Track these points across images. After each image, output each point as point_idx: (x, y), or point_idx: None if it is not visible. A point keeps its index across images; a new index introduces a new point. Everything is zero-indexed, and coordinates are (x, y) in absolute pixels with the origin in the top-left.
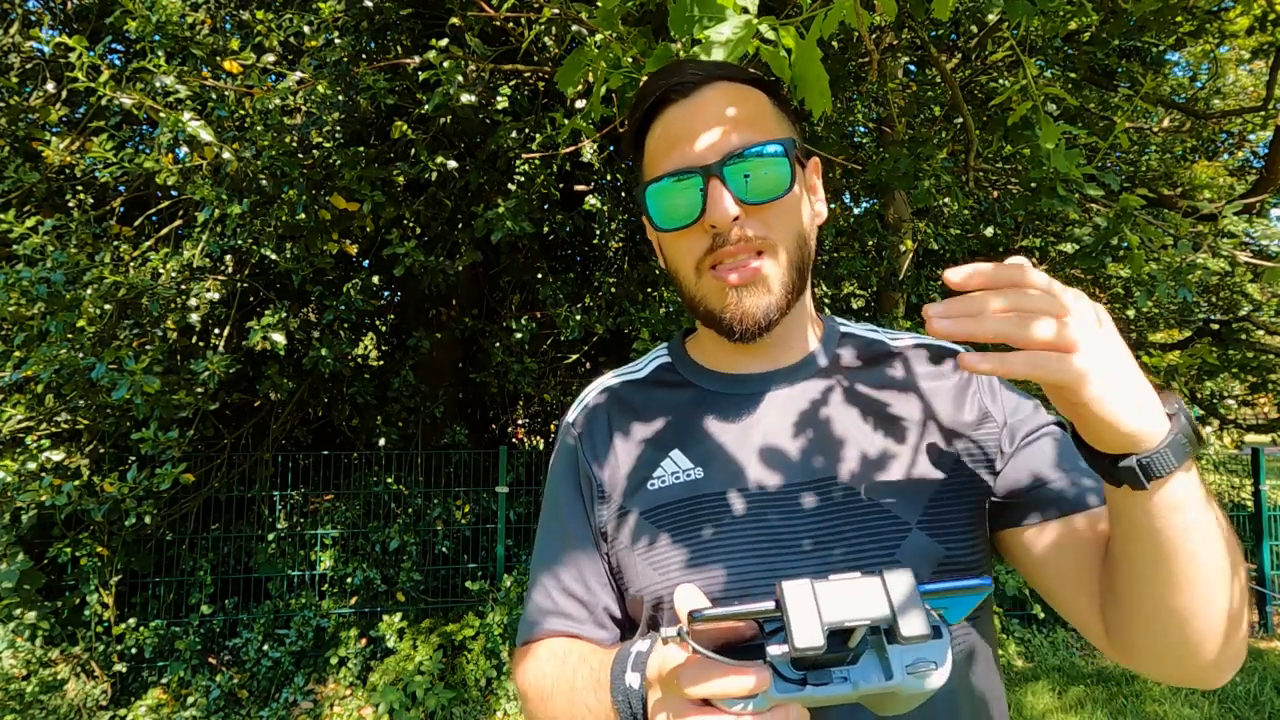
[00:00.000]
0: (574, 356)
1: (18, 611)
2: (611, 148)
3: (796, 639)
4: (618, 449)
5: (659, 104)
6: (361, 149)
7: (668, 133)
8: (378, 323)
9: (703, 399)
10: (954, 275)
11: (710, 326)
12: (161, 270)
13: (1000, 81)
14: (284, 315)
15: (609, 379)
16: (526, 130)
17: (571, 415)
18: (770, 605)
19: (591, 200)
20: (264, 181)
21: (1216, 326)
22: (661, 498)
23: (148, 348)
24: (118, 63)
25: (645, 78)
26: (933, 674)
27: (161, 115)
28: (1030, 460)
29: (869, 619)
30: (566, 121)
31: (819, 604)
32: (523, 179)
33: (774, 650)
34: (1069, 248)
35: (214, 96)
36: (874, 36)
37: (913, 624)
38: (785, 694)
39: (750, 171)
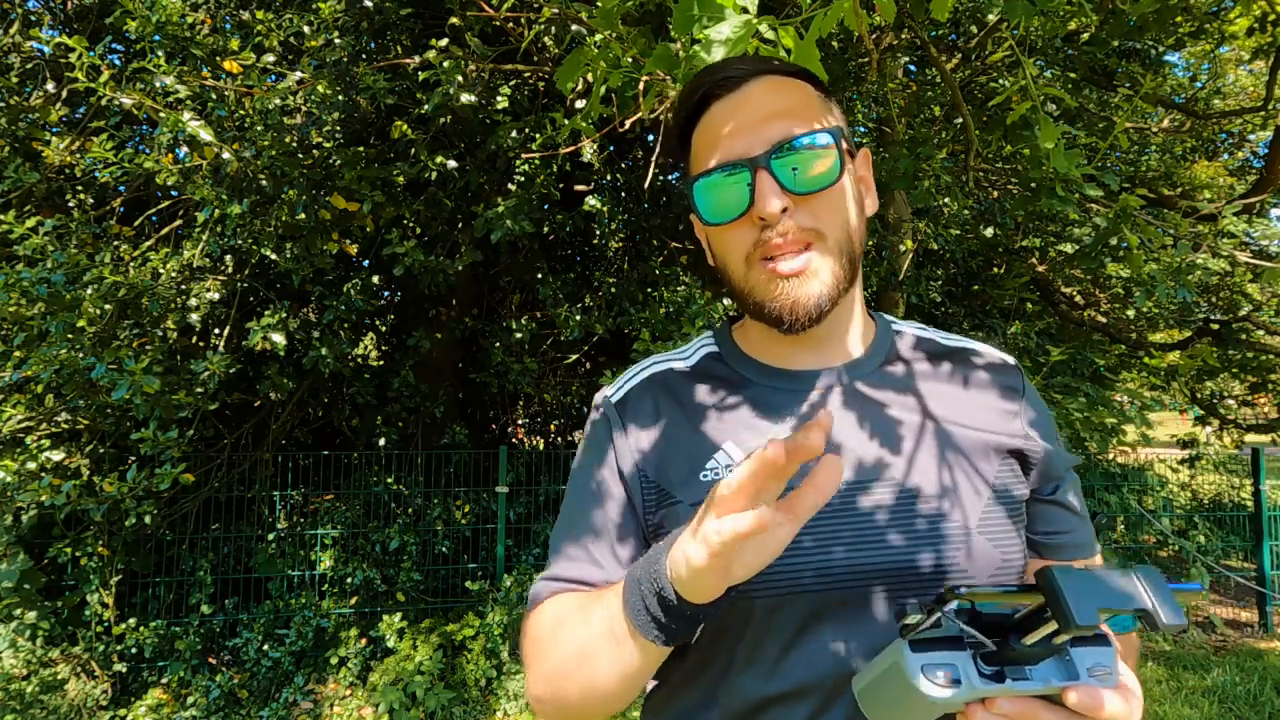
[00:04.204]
0: (574, 356)
1: (18, 611)
2: (611, 148)
3: (1076, 617)
4: (665, 437)
5: (704, 101)
6: (361, 149)
7: (713, 128)
8: (378, 323)
9: (754, 393)
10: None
11: (759, 319)
12: (161, 270)
13: (1000, 81)
14: (284, 315)
15: (654, 364)
16: (526, 130)
17: (612, 394)
18: (1016, 589)
19: (591, 200)
20: (264, 181)
21: (1216, 326)
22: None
23: (148, 348)
24: (118, 63)
25: (643, 76)
26: (1108, 677)
27: (161, 115)
28: (1049, 510)
29: (1134, 607)
30: (566, 121)
31: (1091, 588)
32: (523, 179)
33: (974, 640)
34: (1069, 248)
35: (214, 96)
36: (874, 36)
37: (1172, 615)
38: (987, 686)
39: (798, 162)
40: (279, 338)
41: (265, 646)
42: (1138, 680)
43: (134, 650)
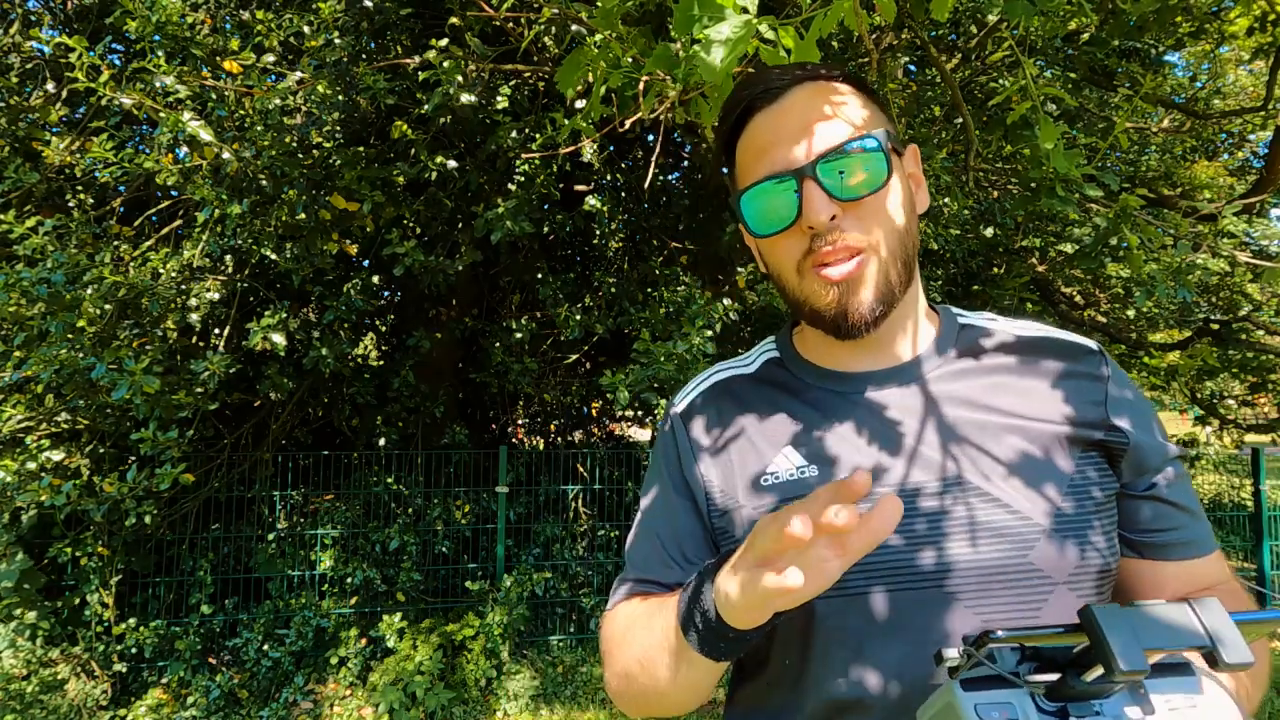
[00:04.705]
0: (574, 356)
1: (18, 611)
2: (611, 148)
3: (1121, 662)
4: (727, 443)
5: (746, 113)
6: (361, 149)
7: (757, 141)
8: (378, 323)
9: (812, 396)
10: None
11: (816, 326)
12: (161, 270)
13: (1000, 81)
14: (284, 315)
15: (718, 372)
16: (526, 130)
17: (678, 404)
18: (1061, 630)
19: (591, 200)
20: (264, 181)
21: (1216, 326)
22: (772, 495)
23: (148, 348)
24: (118, 63)
25: (643, 76)
26: (1192, 712)
27: (161, 115)
28: (1147, 505)
29: (1188, 646)
30: (566, 121)
31: (1135, 628)
32: (523, 179)
33: (1035, 679)
34: (1069, 248)
35: (214, 96)
36: (874, 36)
37: (1236, 652)
38: None
39: (844, 168)
40: (279, 338)
41: (265, 646)
42: (1239, 705)
43: (134, 650)
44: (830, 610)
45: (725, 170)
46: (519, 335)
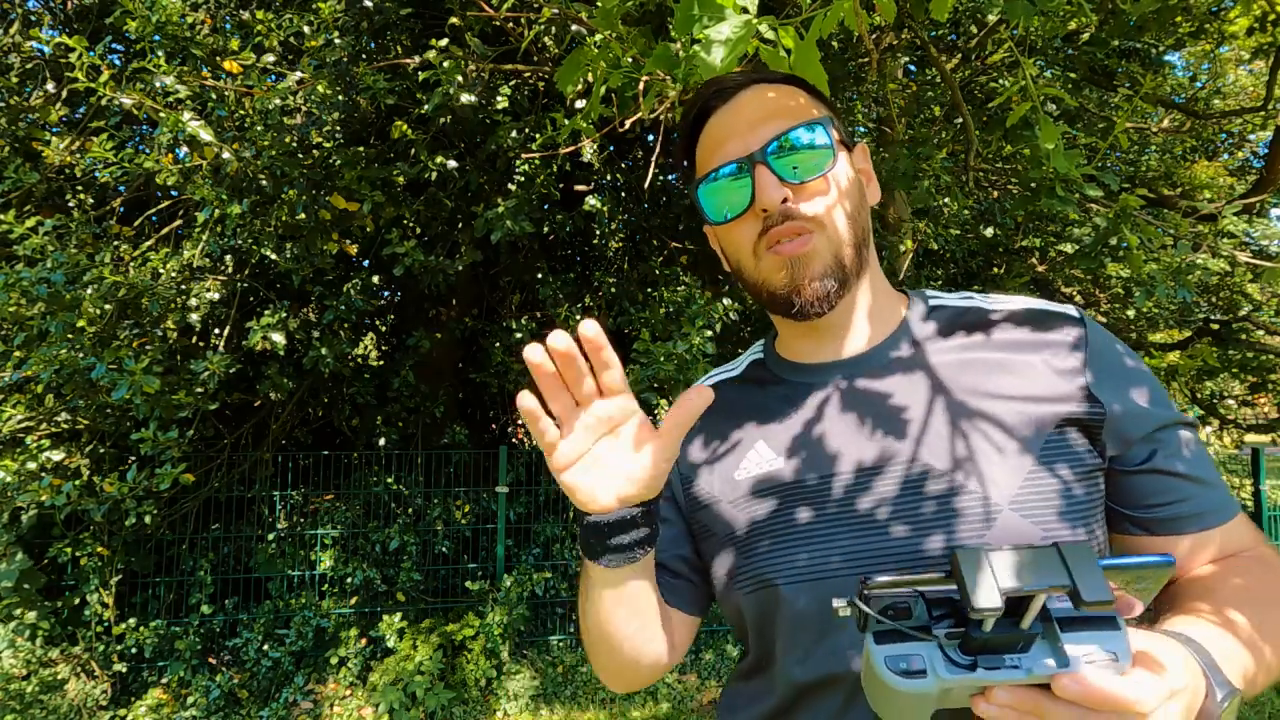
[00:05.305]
0: None
1: (18, 611)
2: (611, 148)
3: (976, 599)
4: (710, 444)
5: (703, 115)
6: (361, 149)
7: (712, 137)
8: (378, 323)
9: (785, 390)
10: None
11: (775, 309)
12: (161, 270)
13: (1000, 81)
14: (284, 315)
15: (708, 379)
16: (526, 130)
17: None
18: (941, 574)
19: (591, 200)
20: (264, 181)
21: (1216, 326)
22: (744, 487)
23: (148, 348)
24: (118, 63)
25: (643, 76)
26: (1114, 665)
27: (161, 115)
28: (1145, 480)
29: (1047, 585)
30: (566, 121)
31: (994, 569)
32: (523, 179)
33: (941, 632)
34: (1069, 248)
35: (214, 96)
36: (874, 36)
37: (1095, 590)
38: (955, 676)
39: (792, 154)
40: (279, 338)
41: (265, 646)
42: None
43: (134, 650)
44: (792, 596)
45: (688, 171)
46: (519, 335)
